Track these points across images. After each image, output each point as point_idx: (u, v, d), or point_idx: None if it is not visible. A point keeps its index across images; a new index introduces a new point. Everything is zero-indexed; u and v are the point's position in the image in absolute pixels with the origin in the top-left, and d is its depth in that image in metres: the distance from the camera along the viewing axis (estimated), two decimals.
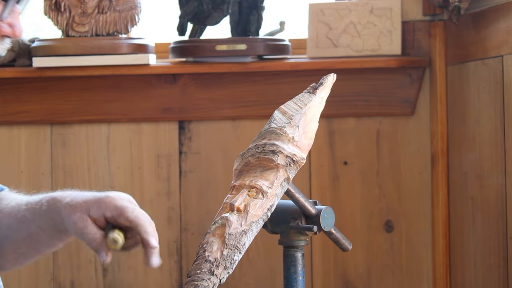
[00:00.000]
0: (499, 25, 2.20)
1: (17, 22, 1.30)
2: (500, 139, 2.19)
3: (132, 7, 2.53)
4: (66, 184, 2.60)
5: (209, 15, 2.55)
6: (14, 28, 1.30)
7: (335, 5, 2.60)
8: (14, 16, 1.30)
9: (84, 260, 2.60)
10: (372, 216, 2.61)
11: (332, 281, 2.62)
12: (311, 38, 2.59)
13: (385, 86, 2.59)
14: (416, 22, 2.60)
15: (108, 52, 2.48)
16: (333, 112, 2.58)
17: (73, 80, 2.56)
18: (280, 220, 1.53)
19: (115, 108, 2.59)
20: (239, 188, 1.37)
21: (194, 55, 2.53)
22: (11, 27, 1.30)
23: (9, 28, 1.30)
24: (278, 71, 2.56)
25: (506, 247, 2.17)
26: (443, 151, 2.55)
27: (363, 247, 2.61)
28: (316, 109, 1.45)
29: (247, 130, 2.61)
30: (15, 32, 1.30)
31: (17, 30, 1.30)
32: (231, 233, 1.30)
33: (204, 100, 2.59)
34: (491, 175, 2.26)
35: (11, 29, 1.30)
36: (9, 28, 1.30)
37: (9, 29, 1.30)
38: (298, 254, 1.54)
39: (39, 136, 2.60)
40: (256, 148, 1.40)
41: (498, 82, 2.19)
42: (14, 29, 1.30)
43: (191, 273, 1.28)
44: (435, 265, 2.58)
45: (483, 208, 2.32)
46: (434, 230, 2.58)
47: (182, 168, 2.61)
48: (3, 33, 1.29)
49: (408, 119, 2.61)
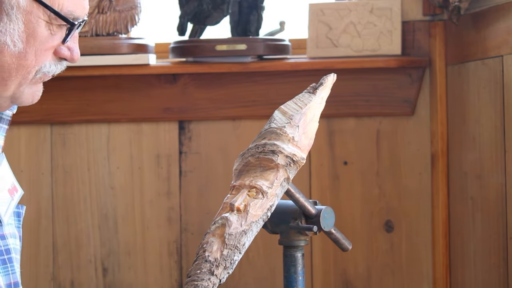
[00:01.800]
0: (499, 25, 2.20)
1: (76, 47, 1.36)
2: (500, 139, 2.19)
3: (132, 7, 2.53)
4: (66, 184, 2.60)
5: (209, 15, 2.55)
6: (72, 52, 1.35)
7: (335, 5, 2.60)
8: (74, 41, 1.35)
9: (84, 260, 2.60)
10: (372, 216, 2.61)
11: (332, 281, 2.62)
12: (311, 38, 2.59)
13: (385, 86, 2.59)
14: (416, 22, 2.60)
15: (108, 52, 2.48)
16: (333, 112, 2.58)
17: (73, 80, 2.56)
18: (280, 220, 1.53)
19: (115, 108, 2.59)
20: (239, 188, 1.37)
21: (194, 55, 2.53)
22: (70, 51, 1.35)
23: (68, 52, 1.35)
24: (278, 71, 2.56)
25: (506, 247, 2.17)
26: (443, 151, 2.55)
27: (363, 247, 2.61)
28: (316, 109, 1.45)
29: (247, 130, 2.61)
30: (73, 56, 1.35)
31: (75, 54, 1.35)
32: (231, 233, 1.30)
33: (204, 100, 2.59)
34: (491, 175, 2.26)
35: (69, 52, 1.35)
36: (68, 52, 1.35)
37: (67, 52, 1.35)
38: (298, 254, 1.54)
39: (39, 136, 2.60)
40: (256, 148, 1.40)
41: (498, 82, 2.19)
42: (72, 53, 1.35)
43: (191, 273, 1.28)
44: (435, 265, 2.58)
45: (483, 208, 2.32)
46: (434, 230, 2.58)
47: (182, 168, 2.61)
48: (62, 56, 1.34)
49: (408, 119, 2.61)
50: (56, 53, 1.34)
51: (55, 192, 2.60)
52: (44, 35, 1.31)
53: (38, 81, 1.36)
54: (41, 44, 1.31)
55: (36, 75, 1.34)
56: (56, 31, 1.32)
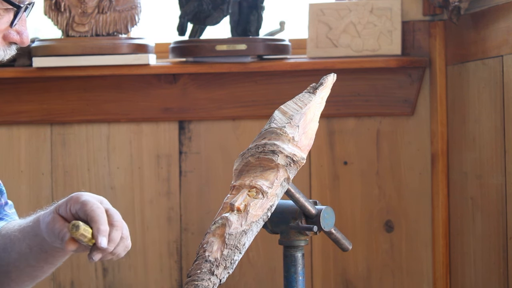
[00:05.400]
0: (499, 25, 2.20)
1: (25, 30, 1.34)
2: (500, 139, 2.19)
3: (132, 7, 2.53)
4: (66, 184, 2.60)
5: (209, 15, 2.55)
6: (21, 36, 1.34)
7: (335, 5, 2.60)
8: (22, 24, 1.34)
9: (84, 260, 2.60)
10: (372, 216, 2.61)
11: (332, 281, 2.62)
12: (311, 38, 2.59)
13: (385, 86, 2.59)
14: (416, 22, 2.60)
15: (108, 52, 2.48)
16: (333, 112, 2.58)
17: (73, 80, 2.56)
18: (280, 220, 1.53)
19: (115, 108, 2.59)
20: (239, 188, 1.37)
21: (194, 55, 2.53)
22: (19, 34, 1.34)
23: (17, 35, 1.34)
24: (278, 71, 2.56)
25: (506, 247, 2.17)
26: (443, 151, 2.55)
27: (363, 247, 2.61)
28: (316, 109, 1.45)
29: (247, 130, 2.61)
30: (22, 39, 1.34)
31: (25, 37, 1.34)
32: (231, 233, 1.30)
33: (204, 100, 2.59)
34: (491, 175, 2.26)
35: (19, 36, 1.34)
36: (17, 35, 1.34)
37: (17, 36, 1.34)
38: (298, 254, 1.54)
39: (39, 136, 2.60)
40: (256, 148, 1.40)
41: (498, 82, 2.19)
42: (21, 36, 1.34)
43: (191, 273, 1.28)
44: (435, 265, 2.58)
45: (483, 208, 2.32)
46: (434, 230, 2.58)
47: (182, 168, 2.61)
48: (11, 40, 1.33)
49: (408, 119, 2.61)
50: (5, 38, 1.33)
51: (55, 192, 2.60)
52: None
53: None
54: None
55: None
56: (3, 14, 1.31)
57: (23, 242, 1.41)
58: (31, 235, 1.39)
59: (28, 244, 1.40)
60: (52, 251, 1.39)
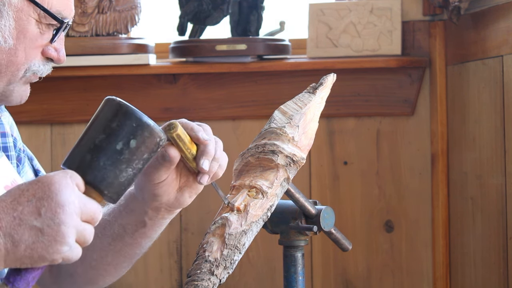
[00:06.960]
0: (499, 25, 2.20)
1: (62, 48, 1.38)
2: (500, 139, 2.19)
3: (132, 7, 2.53)
4: None
5: (209, 15, 2.55)
6: (59, 53, 1.38)
7: (335, 5, 2.60)
8: (60, 42, 1.38)
9: None
10: (372, 216, 2.61)
11: (332, 281, 2.62)
12: (311, 38, 2.59)
13: (385, 86, 2.59)
14: (416, 22, 2.60)
15: (108, 52, 2.48)
16: (333, 112, 2.58)
17: (73, 80, 2.56)
18: (280, 220, 1.53)
19: None
20: (239, 188, 1.37)
21: (194, 55, 2.53)
22: (57, 52, 1.38)
23: (55, 52, 1.37)
24: (278, 71, 2.56)
25: (506, 247, 2.17)
26: (443, 151, 2.55)
27: (363, 247, 2.61)
28: (316, 109, 1.45)
29: (247, 130, 2.61)
30: (59, 57, 1.38)
31: (61, 55, 1.38)
32: (231, 233, 1.30)
33: (204, 100, 2.59)
34: (491, 175, 2.26)
35: (56, 53, 1.38)
36: (55, 52, 1.37)
37: (55, 53, 1.38)
38: (298, 254, 1.54)
39: (39, 136, 2.60)
40: (256, 148, 1.40)
41: (498, 82, 2.19)
42: (59, 53, 1.38)
43: (191, 273, 1.28)
44: (435, 265, 2.58)
45: (483, 208, 2.32)
46: (434, 230, 2.58)
47: None
48: (48, 55, 1.37)
49: (408, 119, 2.61)
50: (44, 53, 1.37)
51: None
52: (34, 33, 1.34)
53: (27, 81, 1.40)
54: (30, 42, 1.34)
55: (26, 73, 1.37)
56: (45, 30, 1.35)
57: (115, 224, 1.42)
58: (124, 212, 1.40)
59: (121, 224, 1.41)
60: (145, 217, 1.39)
